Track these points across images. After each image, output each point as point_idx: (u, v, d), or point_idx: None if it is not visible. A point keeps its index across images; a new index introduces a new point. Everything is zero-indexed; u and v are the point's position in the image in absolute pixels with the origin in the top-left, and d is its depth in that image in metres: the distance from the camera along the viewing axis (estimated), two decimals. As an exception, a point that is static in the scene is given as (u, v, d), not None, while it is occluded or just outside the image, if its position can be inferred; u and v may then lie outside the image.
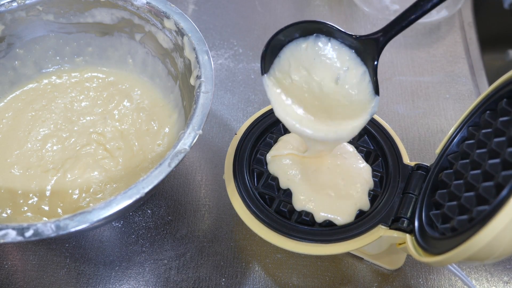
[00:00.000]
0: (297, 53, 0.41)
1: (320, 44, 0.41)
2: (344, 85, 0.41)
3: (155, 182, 0.38)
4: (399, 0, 0.72)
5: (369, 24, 0.70)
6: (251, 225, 0.42)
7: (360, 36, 0.40)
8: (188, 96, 0.49)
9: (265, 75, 0.41)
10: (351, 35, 0.40)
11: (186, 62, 0.49)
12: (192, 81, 0.46)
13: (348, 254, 0.48)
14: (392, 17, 0.68)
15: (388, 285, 0.47)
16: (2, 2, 0.50)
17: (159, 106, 0.55)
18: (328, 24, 0.40)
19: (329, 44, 0.41)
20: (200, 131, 0.41)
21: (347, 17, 0.70)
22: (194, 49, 0.47)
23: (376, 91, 0.40)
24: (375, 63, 0.40)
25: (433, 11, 0.70)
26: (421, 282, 0.47)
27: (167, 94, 0.55)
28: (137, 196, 0.37)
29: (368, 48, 0.40)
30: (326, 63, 0.41)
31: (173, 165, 0.39)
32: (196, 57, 0.46)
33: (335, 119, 0.41)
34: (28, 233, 0.35)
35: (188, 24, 0.48)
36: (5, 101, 0.55)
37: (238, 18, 0.70)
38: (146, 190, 0.37)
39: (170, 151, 0.40)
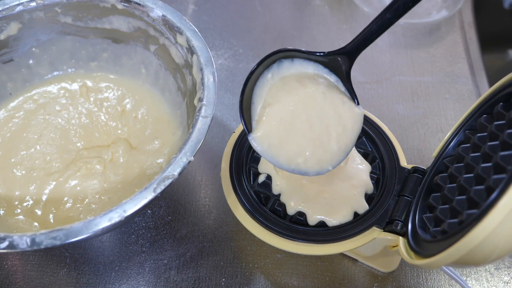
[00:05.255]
0: (264, 85, 0.40)
1: (283, 66, 0.40)
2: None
3: (137, 206, 0.37)
4: (399, 0, 0.72)
5: (369, 24, 0.69)
6: (245, 223, 0.42)
7: (328, 52, 0.40)
8: (192, 115, 0.48)
9: (251, 134, 0.39)
10: (315, 53, 0.40)
11: (193, 81, 0.48)
12: (195, 101, 0.45)
13: (347, 254, 0.48)
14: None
15: (388, 285, 0.47)
16: (21, 1, 0.50)
17: (165, 121, 0.54)
18: (290, 48, 0.40)
19: (293, 63, 0.40)
20: (192, 158, 0.39)
21: (347, 17, 0.70)
22: (201, 69, 0.46)
23: (356, 102, 0.41)
24: (346, 71, 0.40)
25: (433, 11, 0.70)
26: (421, 282, 0.47)
27: (175, 109, 0.54)
28: (117, 220, 0.36)
29: (337, 61, 0.40)
30: (293, 83, 0.40)
31: (158, 190, 0.37)
32: (202, 78, 0.45)
33: (328, 139, 0.40)
34: (3, 244, 0.35)
35: (199, 43, 0.47)
36: (17, 100, 0.55)
37: (238, 18, 0.70)
38: (127, 214, 0.36)
39: (158, 175, 0.38)
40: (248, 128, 0.39)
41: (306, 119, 0.39)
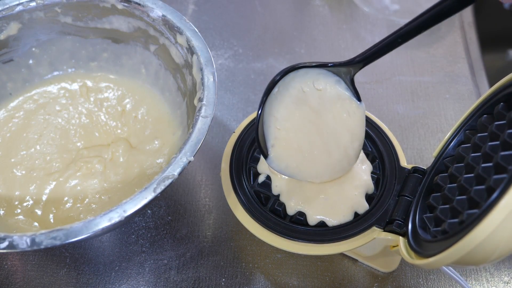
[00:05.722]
0: (273, 101, 0.41)
1: (289, 76, 0.40)
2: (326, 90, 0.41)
3: (137, 206, 0.37)
4: (399, 0, 0.72)
5: (369, 24, 0.70)
6: (245, 223, 0.42)
7: (339, 63, 0.40)
8: (192, 115, 0.48)
9: (268, 157, 0.41)
10: (323, 64, 0.40)
11: (193, 81, 0.48)
12: (195, 101, 0.45)
13: (347, 254, 0.48)
14: (392, 17, 0.69)
15: (388, 285, 0.47)
16: (21, 1, 0.50)
17: (165, 121, 0.54)
18: (298, 66, 0.40)
19: (297, 72, 0.40)
20: (192, 158, 0.40)
21: (347, 17, 0.70)
22: (201, 69, 0.46)
23: (358, 99, 0.41)
24: (350, 79, 0.40)
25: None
26: (421, 282, 0.47)
27: (175, 109, 0.54)
28: (117, 220, 0.36)
29: (342, 69, 0.40)
30: (297, 86, 0.41)
31: (158, 190, 0.38)
32: (202, 78, 0.45)
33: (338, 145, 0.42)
34: (3, 244, 0.35)
35: (199, 43, 0.48)
36: (17, 100, 0.55)
37: (238, 18, 0.70)
38: (127, 214, 0.36)
39: (158, 175, 0.39)
40: (264, 152, 0.41)
41: (323, 146, 0.41)
